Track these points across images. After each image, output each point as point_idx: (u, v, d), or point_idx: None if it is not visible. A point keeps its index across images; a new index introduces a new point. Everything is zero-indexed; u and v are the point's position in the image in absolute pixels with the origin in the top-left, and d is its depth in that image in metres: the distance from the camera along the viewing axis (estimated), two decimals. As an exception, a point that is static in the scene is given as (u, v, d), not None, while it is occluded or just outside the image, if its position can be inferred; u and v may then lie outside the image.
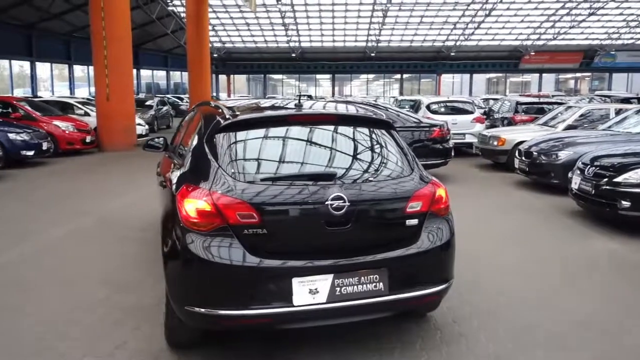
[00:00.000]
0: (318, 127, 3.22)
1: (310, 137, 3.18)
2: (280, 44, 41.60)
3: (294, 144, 3.14)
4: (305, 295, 2.75)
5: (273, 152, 3.08)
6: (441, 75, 45.44)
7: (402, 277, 2.94)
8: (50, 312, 3.76)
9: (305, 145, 3.15)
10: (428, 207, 3.07)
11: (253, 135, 3.11)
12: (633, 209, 5.64)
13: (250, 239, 2.74)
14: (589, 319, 3.68)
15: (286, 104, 3.62)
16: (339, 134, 3.23)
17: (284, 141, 3.14)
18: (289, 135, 3.16)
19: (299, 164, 3.06)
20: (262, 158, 3.03)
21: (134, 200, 7.74)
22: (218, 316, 2.71)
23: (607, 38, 39.66)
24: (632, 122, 8.87)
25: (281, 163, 3.03)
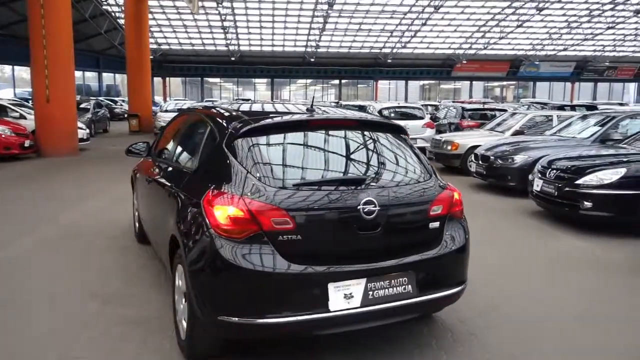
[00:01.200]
0: (339, 132, 3.23)
1: (332, 141, 3.18)
2: (218, 47, 40.99)
3: (318, 148, 3.13)
4: (341, 300, 2.75)
5: (299, 157, 3.05)
6: (378, 81, 46.46)
7: (428, 279, 3.00)
8: (45, 330, 3.51)
9: (329, 149, 3.14)
10: (448, 210, 3.16)
11: (277, 140, 3.07)
12: (594, 209, 6.04)
13: (285, 245, 2.70)
14: (583, 312, 3.91)
15: (296, 109, 3.60)
16: (359, 138, 3.25)
17: (308, 146, 3.11)
18: (312, 140, 3.14)
19: (327, 169, 3.05)
20: (290, 163, 2.99)
21: (96, 208, 7.38)
22: (255, 325, 2.65)
23: (532, 49, 42.13)
24: (576, 128, 9.50)
25: (310, 168, 3.01)
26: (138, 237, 5.51)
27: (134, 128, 21.50)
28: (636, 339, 3.52)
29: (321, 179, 2.96)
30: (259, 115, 3.33)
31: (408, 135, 3.48)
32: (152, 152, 4.88)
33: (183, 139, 4.12)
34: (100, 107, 22.88)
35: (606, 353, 3.32)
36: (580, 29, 37.60)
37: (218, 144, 3.13)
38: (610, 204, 6.02)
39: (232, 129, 3.09)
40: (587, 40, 40.00)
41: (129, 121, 21.92)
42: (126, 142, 5.76)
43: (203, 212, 2.82)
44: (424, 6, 32.51)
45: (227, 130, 3.11)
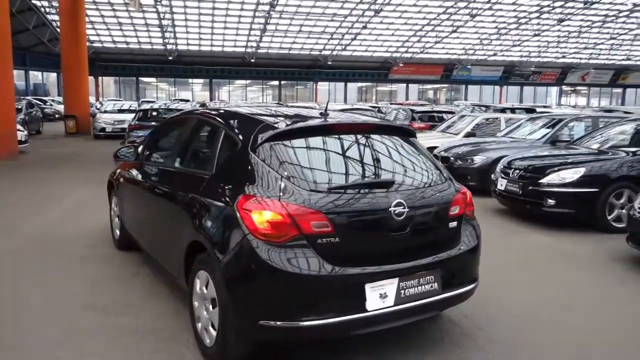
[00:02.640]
0: (361, 136, 3.29)
1: (355, 145, 3.24)
2: (155, 46, 39.82)
3: (343, 151, 3.18)
4: (377, 300, 2.82)
5: (327, 161, 3.08)
6: (317, 82, 46.85)
7: (450, 277, 3.13)
8: (49, 345, 3.33)
9: (353, 153, 3.20)
10: (463, 210, 3.31)
11: (303, 144, 3.09)
12: (557, 206, 6.46)
13: (324, 248, 2.74)
14: (569, 303, 4.19)
15: (309, 113, 3.62)
16: (378, 141, 3.33)
17: (333, 149, 3.16)
18: (336, 144, 3.19)
19: (356, 172, 3.10)
20: (319, 167, 3.01)
21: (58, 216, 7.01)
22: (299, 328, 2.67)
23: (464, 53, 44.00)
24: (525, 130, 10.07)
25: (339, 171, 3.05)
26: (119, 245, 5.32)
27: (71, 130, 20.46)
28: (621, 323, 3.83)
29: (353, 182, 3.02)
30: (281, 119, 3.33)
31: (416, 137, 3.61)
32: (140, 157, 4.73)
33: (189, 143, 4.02)
34: (32, 107, 21.66)
35: (599, 336, 3.59)
36: (508, 36, 39.67)
37: (242, 148, 3.10)
38: (572, 201, 6.45)
39: (258, 134, 3.08)
40: (515, 47, 42.26)
41: (65, 122, 20.84)
42: (65, 145, 5.54)
43: (238, 217, 2.80)
44: (364, 10, 33.17)
45: (252, 135, 3.10)
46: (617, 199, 6.44)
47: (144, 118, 12.49)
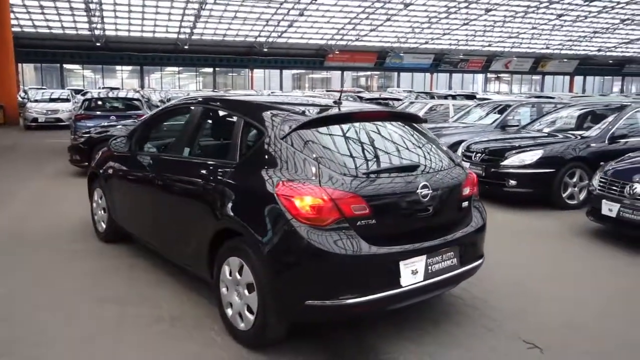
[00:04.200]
0: (379, 123, 3.47)
1: (376, 132, 3.42)
2: (80, 31, 37.75)
3: (367, 138, 3.34)
4: (409, 276, 3.04)
5: (355, 147, 3.24)
6: (253, 70, 46.37)
7: (465, 253, 3.41)
8: (79, 339, 3.30)
9: (376, 139, 3.38)
10: (472, 190, 3.58)
11: (332, 131, 3.23)
12: (517, 186, 6.97)
13: (363, 230, 2.92)
14: (549, 273, 4.63)
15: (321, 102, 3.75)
16: (395, 128, 3.53)
17: (358, 136, 3.32)
18: (360, 131, 3.35)
19: (384, 157, 3.28)
20: (350, 153, 3.16)
21: (19, 213, 6.71)
22: (345, 306, 2.83)
23: (397, 42, 45.06)
24: (475, 116, 10.66)
25: (369, 157, 3.22)
26: (106, 237, 5.21)
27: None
28: (594, 289, 4.29)
29: (383, 166, 3.21)
30: (302, 107, 3.44)
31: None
32: (132, 148, 4.65)
33: (198, 132, 4.01)
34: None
35: (579, 301, 4.02)
36: (439, 24, 41.03)
37: (271, 137, 3.20)
38: (531, 182, 6.98)
39: (286, 123, 3.19)
40: (445, 35, 43.78)
41: (-8, 113, 19.54)
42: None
43: (279, 203, 2.91)
44: (301, -3, 33.14)
45: (280, 124, 3.20)
46: (570, 178, 7.03)
47: (91, 107, 11.97)
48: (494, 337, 3.39)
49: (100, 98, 12.62)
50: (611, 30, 43.38)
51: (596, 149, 7.17)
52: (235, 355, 3.11)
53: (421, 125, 3.78)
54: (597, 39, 46.36)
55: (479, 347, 3.26)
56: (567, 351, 3.24)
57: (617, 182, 5.37)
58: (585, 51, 50.06)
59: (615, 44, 48.18)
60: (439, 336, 3.39)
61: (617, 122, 7.41)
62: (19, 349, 3.14)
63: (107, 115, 11.48)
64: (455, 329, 3.50)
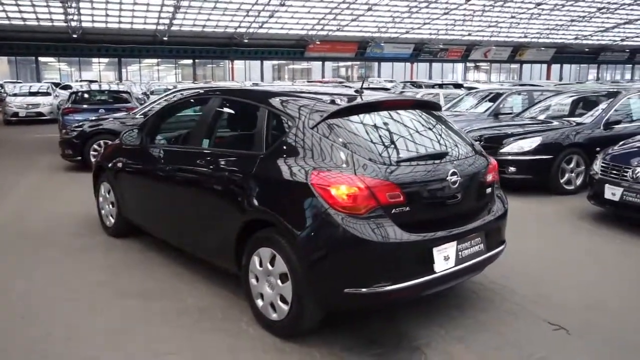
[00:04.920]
0: (404, 111, 3.49)
1: (402, 120, 3.43)
2: (56, 22, 36.84)
3: (395, 126, 3.36)
4: (442, 262, 3.08)
5: (383, 135, 3.25)
6: (234, 61, 45.96)
7: (490, 238, 3.46)
8: (109, 333, 3.27)
9: (403, 127, 3.39)
10: (494, 177, 3.63)
11: (361, 120, 3.24)
12: (517, 173, 7.08)
13: (398, 217, 2.94)
14: (557, 257, 4.72)
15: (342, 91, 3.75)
16: (418, 116, 3.55)
17: (385, 124, 3.33)
18: (387, 119, 3.36)
19: (414, 145, 3.30)
20: (380, 141, 3.17)
21: (21, 206, 6.58)
22: (383, 293, 2.85)
23: (377, 31, 45.07)
24: (467, 104, 10.75)
25: (399, 145, 3.23)
26: (114, 232, 5.14)
27: (-24, 116, 18.74)
28: (607, 271, 4.40)
29: (414, 154, 3.23)
30: (328, 97, 3.44)
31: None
32: (144, 141, 4.58)
33: (216, 123, 3.96)
34: None
35: (595, 283, 4.12)
36: (419, 14, 41.14)
37: (300, 127, 3.19)
38: (530, 168, 7.09)
39: (315, 112, 3.18)
40: (425, 25, 43.93)
41: (-31, 108, 19.03)
42: None
43: (314, 192, 2.91)
44: (282, -13, 32.86)
45: (309, 113, 3.20)
46: (567, 164, 7.16)
47: (79, 101, 11.73)
48: (519, 320, 3.46)
49: (88, 91, 12.38)
50: (587, 19, 44.01)
51: (592, 135, 7.30)
52: (269, 346, 3.11)
53: (441, 112, 3.81)
54: (574, 27, 47.00)
55: (506, 330, 3.32)
56: (592, 331, 3.32)
57: (620, 167, 5.48)
58: (562, 39, 50.75)
59: (592, 32, 48.93)
60: (466, 321, 3.44)
61: (611, 108, 7.55)
62: (50, 346, 3.10)
63: (96, 108, 11.27)
64: (480, 314, 3.56)
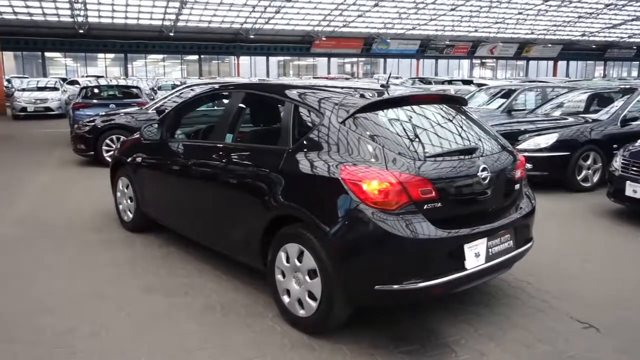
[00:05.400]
0: (431, 106, 3.45)
1: (430, 115, 3.39)
2: (62, 18, 36.85)
3: (424, 121, 3.32)
4: (473, 259, 3.04)
5: (413, 130, 3.21)
6: (239, 57, 45.90)
7: (519, 235, 3.41)
8: (135, 329, 3.25)
9: (431, 122, 3.35)
10: (522, 173, 3.58)
11: (390, 115, 3.20)
12: (533, 169, 6.99)
13: (430, 213, 2.90)
14: (586, 254, 4.68)
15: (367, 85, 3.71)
16: (445, 111, 3.51)
17: (414, 119, 3.29)
18: (415, 114, 3.32)
19: (444, 140, 3.26)
20: (409, 136, 3.13)
21: (37, 201, 6.57)
22: (415, 290, 2.81)
23: (383, 27, 44.91)
24: (480, 100, 10.69)
25: (429, 140, 3.19)
26: (133, 227, 5.13)
27: (-16, 110, 18.77)
28: (631, 268, 4.35)
29: (445, 149, 3.18)
30: (355, 91, 3.40)
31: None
32: (164, 136, 4.56)
33: (239, 118, 3.92)
34: None
35: (620, 280, 4.06)
36: (426, 10, 40.96)
37: (328, 121, 3.15)
38: (547, 165, 7.03)
39: (343, 107, 3.15)
40: (432, 21, 43.74)
41: (-22, 103, 19.06)
42: None
43: (345, 188, 2.87)
44: (288, -18, 32.75)
45: (337, 108, 3.16)
46: (584, 161, 7.10)
47: (89, 96, 11.73)
48: (548, 317, 3.42)
49: (98, 86, 12.37)
50: (595, 15, 43.73)
51: (609, 132, 7.24)
52: (297, 342, 3.08)
53: (465, 107, 3.76)
54: (581, 24, 46.71)
55: (536, 328, 3.27)
56: (622, 330, 3.27)
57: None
58: (569, 36, 50.45)
59: (599, 29, 48.62)
60: (494, 318, 3.41)
61: (628, 105, 7.48)
62: (77, 341, 3.07)
63: (106, 103, 11.26)
64: (508, 311, 3.52)
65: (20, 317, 3.38)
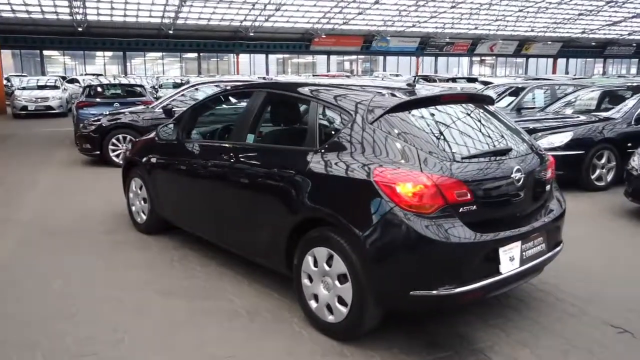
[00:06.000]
0: (460, 106, 3.36)
1: (461, 115, 3.31)
2: (61, 16, 36.66)
3: (455, 121, 3.23)
4: (507, 262, 2.96)
5: (444, 131, 3.12)
6: (239, 55, 45.76)
7: (551, 238, 3.33)
8: (159, 334, 3.17)
9: (462, 122, 3.26)
10: (552, 174, 3.50)
11: (421, 115, 3.11)
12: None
13: (465, 216, 2.81)
14: (609, 255, 4.61)
15: (394, 85, 3.62)
16: (475, 111, 3.42)
17: (444, 119, 3.20)
18: (446, 114, 3.24)
19: (476, 141, 3.17)
20: (442, 136, 3.04)
21: (44, 203, 6.47)
22: (452, 295, 2.73)
23: (383, 25, 44.78)
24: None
25: (463, 141, 3.10)
26: (146, 229, 5.04)
27: (-15, 109, 18.62)
28: (661, 271, 4.29)
29: (479, 150, 3.10)
30: (384, 90, 3.31)
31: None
32: (181, 137, 4.46)
33: (260, 118, 3.82)
34: None
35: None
36: (426, 7, 40.86)
37: (357, 122, 3.07)
38: (561, 164, 6.90)
39: (373, 106, 3.06)
40: (432, 18, 43.63)
41: (-23, 101, 18.90)
42: None
43: (378, 190, 2.79)
44: (288, -20, 32.61)
45: (367, 108, 3.07)
46: (598, 159, 7.03)
47: (93, 95, 11.61)
48: (580, 322, 3.34)
49: (102, 85, 12.24)
50: (595, 12, 43.68)
51: (623, 130, 7.17)
52: (328, 349, 3.00)
53: (492, 107, 3.67)
54: (581, 21, 46.67)
55: (569, 333, 3.19)
56: (657, 334, 3.20)
57: (662, 163, 5.35)
58: (569, 33, 50.40)
59: (599, 26, 48.58)
60: (525, 323, 3.33)
61: (642, 103, 7.40)
62: (100, 348, 2.99)
63: (110, 102, 11.14)
64: (537, 315, 3.44)
65: (38, 323, 3.29)
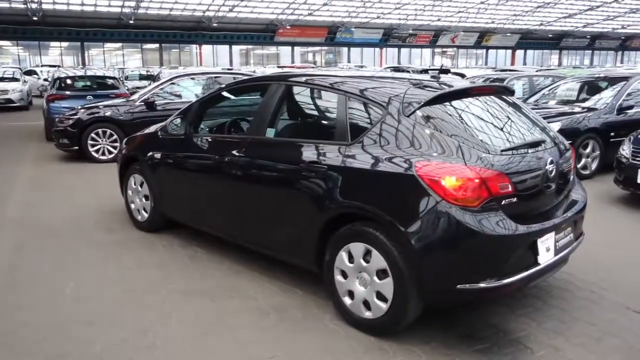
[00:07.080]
0: (490, 98, 3.36)
1: (492, 106, 3.31)
2: (14, 4, 35.02)
3: (487, 114, 3.22)
4: (544, 253, 2.99)
5: (481, 123, 3.11)
6: (202, 46, 44.90)
7: (576, 229, 3.39)
8: (189, 336, 3.06)
9: (494, 114, 3.26)
10: (574, 164, 3.56)
11: (455, 108, 3.09)
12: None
13: (507, 209, 2.82)
14: (611, 241, 4.73)
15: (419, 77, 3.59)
16: (503, 103, 3.43)
17: (478, 112, 3.20)
18: (478, 106, 3.23)
19: (511, 133, 3.18)
20: (478, 129, 3.03)
21: (27, 202, 6.17)
22: (497, 287, 2.74)
23: (348, 16, 44.78)
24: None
25: (499, 133, 3.10)
26: (148, 227, 4.86)
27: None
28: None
29: (516, 142, 3.10)
30: (418, 83, 3.28)
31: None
32: (188, 131, 4.31)
33: (280, 111, 3.71)
34: None
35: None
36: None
37: (393, 115, 3.02)
38: (549, 153, 7.11)
39: (408, 99, 3.02)
40: (396, 9, 43.89)
41: None
42: None
43: (422, 184, 2.76)
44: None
45: (401, 101, 3.03)
46: (583, 149, 7.23)
47: (63, 87, 11.11)
48: (604, 309, 3.42)
49: (72, 77, 11.74)
50: (552, 5, 44.91)
51: (607, 120, 7.39)
52: (368, 346, 2.96)
53: (513, 98, 3.69)
54: (539, 13, 47.92)
55: (597, 320, 3.26)
56: (679, 319, 3.31)
57: (652, 152, 5.54)
58: (527, 25, 51.70)
59: (555, 18, 50.00)
60: (553, 312, 3.38)
61: (623, 94, 7.65)
62: (136, 355, 2.86)
63: (82, 95, 10.70)
64: (562, 303, 3.50)
65: (59, 330, 3.13)
